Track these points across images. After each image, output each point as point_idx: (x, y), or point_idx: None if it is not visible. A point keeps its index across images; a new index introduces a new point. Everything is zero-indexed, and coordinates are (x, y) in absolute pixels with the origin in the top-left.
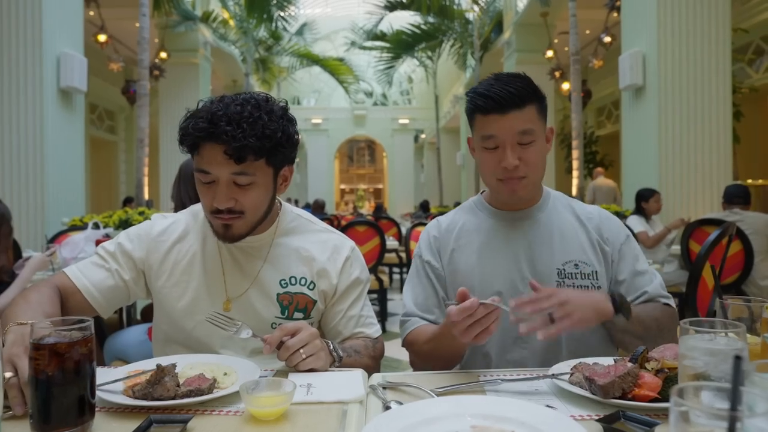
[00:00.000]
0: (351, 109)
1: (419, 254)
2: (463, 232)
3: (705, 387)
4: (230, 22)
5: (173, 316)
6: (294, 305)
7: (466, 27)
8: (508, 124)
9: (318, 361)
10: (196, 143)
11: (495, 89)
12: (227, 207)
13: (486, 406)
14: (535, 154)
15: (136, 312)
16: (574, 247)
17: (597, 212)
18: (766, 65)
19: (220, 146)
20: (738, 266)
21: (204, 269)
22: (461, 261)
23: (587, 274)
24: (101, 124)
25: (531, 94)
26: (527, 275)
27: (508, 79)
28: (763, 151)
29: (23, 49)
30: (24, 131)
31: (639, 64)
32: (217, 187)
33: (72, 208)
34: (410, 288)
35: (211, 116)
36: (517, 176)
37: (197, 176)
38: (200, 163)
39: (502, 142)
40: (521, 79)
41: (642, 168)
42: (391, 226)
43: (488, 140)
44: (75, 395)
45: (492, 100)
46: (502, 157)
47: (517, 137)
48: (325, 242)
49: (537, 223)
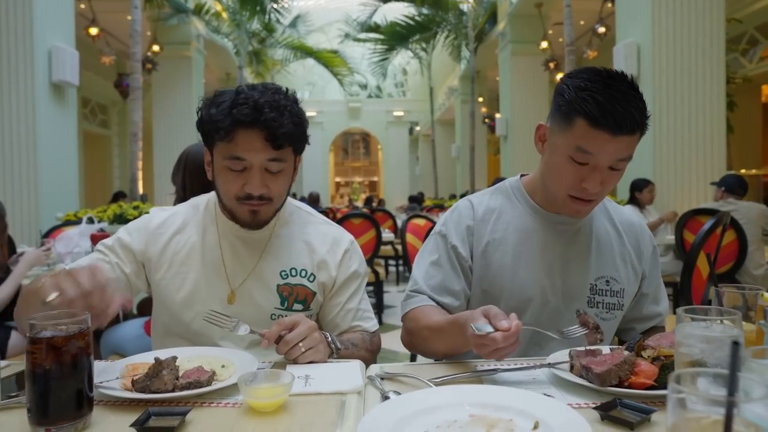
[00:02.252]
0: (345, 102)
1: (444, 234)
2: (500, 224)
3: (702, 373)
4: (223, 14)
5: (172, 308)
6: (294, 296)
7: (460, 18)
8: (613, 148)
9: (317, 354)
10: (232, 130)
11: (619, 105)
12: (260, 193)
13: (484, 395)
14: (617, 179)
15: (132, 306)
16: (608, 262)
17: (638, 223)
18: (759, 55)
19: (260, 133)
20: (732, 256)
21: (203, 261)
22: (495, 258)
23: (616, 292)
24: (94, 118)
25: (646, 118)
26: (559, 286)
27: (630, 94)
28: (756, 141)
29: (14, 43)
30: (16, 126)
31: (633, 55)
32: (250, 174)
33: (66, 203)
34: (424, 264)
35: (255, 103)
36: (590, 199)
37: (227, 164)
38: (233, 150)
39: (596, 163)
40: (641, 99)
41: (637, 158)
42: (387, 218)
43: (582, 154)
44: (73, 389)
45: (611, 117)
46: (587, 177)
47: (613, 163)
48: (324, 234)
49: (577, 233)
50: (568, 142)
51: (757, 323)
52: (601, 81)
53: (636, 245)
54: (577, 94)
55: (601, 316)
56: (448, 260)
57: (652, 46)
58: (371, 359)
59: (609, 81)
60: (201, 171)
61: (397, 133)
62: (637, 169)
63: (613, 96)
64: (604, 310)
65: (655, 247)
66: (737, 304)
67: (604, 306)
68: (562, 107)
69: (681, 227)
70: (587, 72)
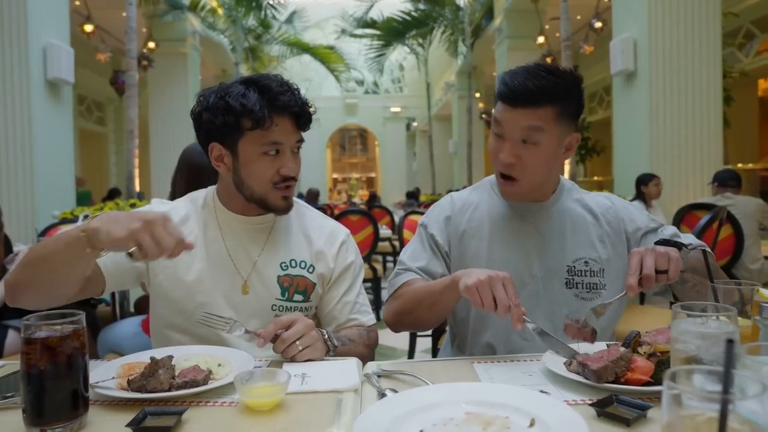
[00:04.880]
0: (342, 98)
1: (425, 225)
2: (476, 213)
3: (697, 370)
4: (219, 10)
5: (173, 298)
6: (294, 287)
7: (456, 14)
8: (515, 117)
9: (314, 352)
10: (272, 116)
11: (517, 81)
12: (296, 173)
13: (481, 392)
14: (536, 157)
15: (129, 304)
16: (584, 244)
17: (617, 204)
18: (756, 50)
19: (291, 117)
20: (728, 250)
21: (207, 253)
22: (471, 245)
23: (595, 272)
24: (90, 115)
25: (551, 94)
26: (536, 270)
27: (537, 73)
28: (753, 136)
29: (8, 41)
30: (11, 124)
31: (630, 50)
32: (285, 157)
33: (62, 202)
34: (411, 250)
35: (289, 89)
36: (509, 176)
37: (264, 149)
38: (270, 136)
39: (505, 133)
40: (548, 77)
41: (634, 153)
42: (385, 214)
43: (496, 125)
44: (68, 389)
45: (509, 90)
46: (501, 147)
47: (521, 133)
48: (321, 227)
49: (550, 217)
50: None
51: (752, 319)
52: (521, 68)
53: (616, 224)
54: (498, 78)
55: (582, 296)
56: (429, 247)
57: (649, 41)
58: (369, 354)
59: (523, 67)
60: (203, 172)
61: (394, 129)
62: (634, 163)
63: (516, 74)
64: (585, 290)
65: (649, 222)
66: (733, 299)
67: (584, 286)
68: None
69: (678, 222)
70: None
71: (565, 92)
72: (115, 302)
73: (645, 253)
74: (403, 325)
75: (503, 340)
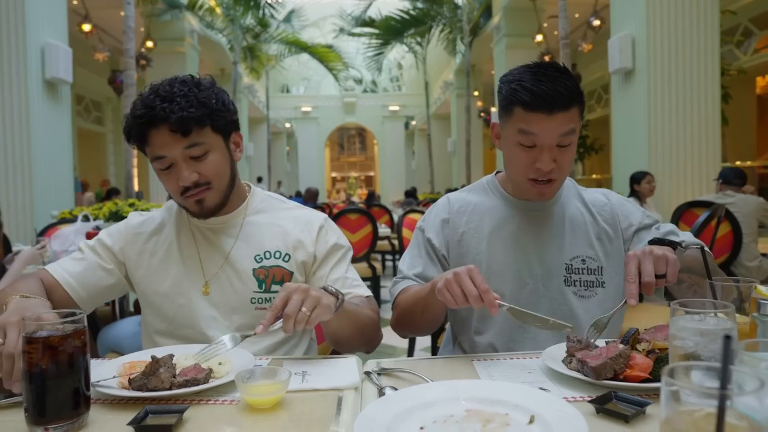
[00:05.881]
0: (341, 97)
1: (422, 228)
2: (475, 214)
3: (695, 366)
4: (217, 9)
5: (155, 304)
6: (270, 278)
7: (455, 12)
8: (552, 125)
9: (324, 310)
10: (143, 134)
11: (544, 87)
12: (193, 181)
13: (480, 389)
14: (570, 157)
15: (129, 304)
16: (582, 242)
17: (613, 200)
18: (754, 47)
19: (164, 126)
20: (727, 247)
21: (181, 256)
22: (471, 246)
23: (593, 270)
24: (88, 115)
25: (578, 94)
26: (536, 269)
27: (555, 75)
28: (751, 133)
29: (6, 40)
30: (10, 124)
31: (628, 48)
32: (177, 168)
33: (61, 201)
34: (409, 257)
35: (143, 102)
36: (548, 179)
37: (155, 166)
38: (154, 151)
39: (542, 143)
40: (569, 78)
41: (632, 151)
42: (383, 213)
43: (527, 137)
44: (69, 388)
45: (540, 98)
46: (538, 158)
47: (558, 139)
48: (297, 217)
49: (550, 216)
50: (512, 130)
51: (750, 315)
52: (528, 71)
53: (612, 221)
54: (510, 87)
55: (580, 294)
56: (426, 252)
57: (647, 39)
58: (377, 319)
59: (535, 69)
60: None
61: (392, 128)
62: (632, 161)
63: (539, 80)
64: (582, 287)
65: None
66: (731, 296)
67: (582, 284)
68: (502, 103)
69: (676, 220)
70: (518, 68)
71: (581, 89)
72: (115, 302)
73: (643, 257)
74: (406, 331)
75: (506, 340)
